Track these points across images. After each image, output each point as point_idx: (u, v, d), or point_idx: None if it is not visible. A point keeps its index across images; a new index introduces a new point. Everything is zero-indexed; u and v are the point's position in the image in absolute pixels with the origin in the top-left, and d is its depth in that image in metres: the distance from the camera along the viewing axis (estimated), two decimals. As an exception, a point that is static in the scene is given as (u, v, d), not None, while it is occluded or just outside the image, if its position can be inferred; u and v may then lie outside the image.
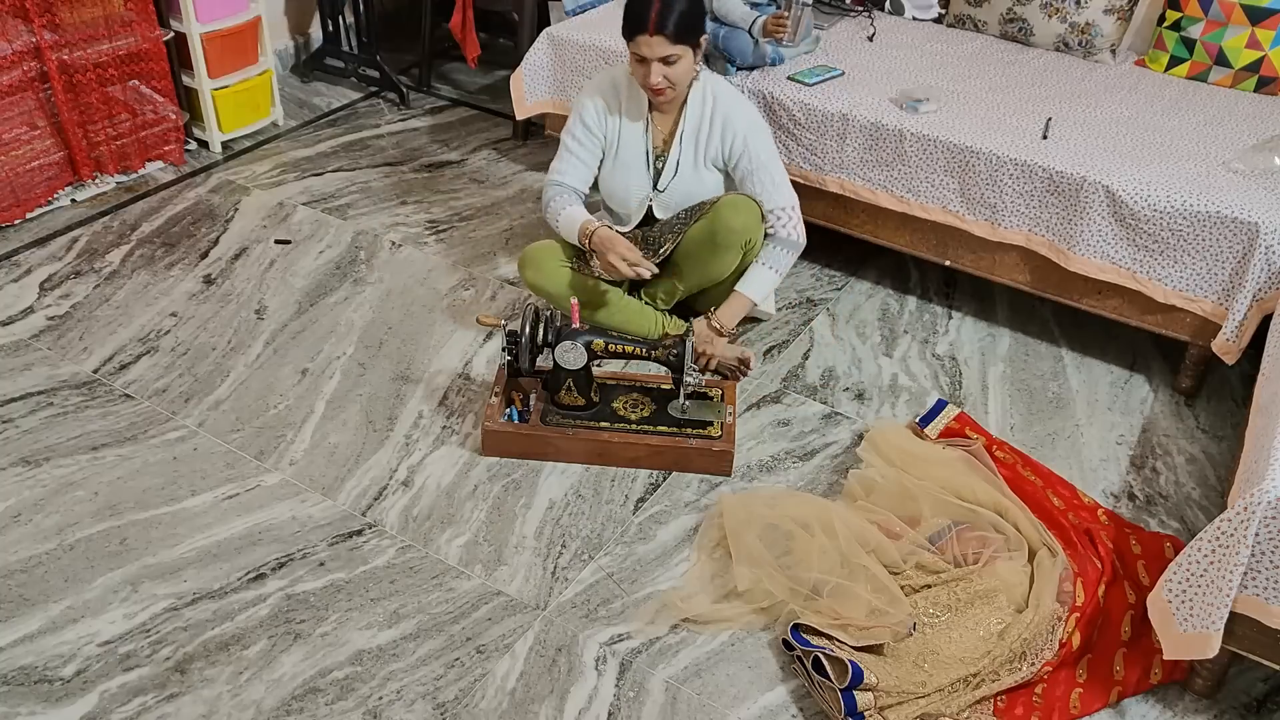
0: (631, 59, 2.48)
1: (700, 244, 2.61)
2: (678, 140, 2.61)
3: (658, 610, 2.08)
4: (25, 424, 2.45)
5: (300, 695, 1.90)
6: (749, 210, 2.58)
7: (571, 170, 2.67)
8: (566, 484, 2.38)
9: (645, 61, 2.44)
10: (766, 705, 1.93)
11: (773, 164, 2.63)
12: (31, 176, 3.20)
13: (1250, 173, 2.59)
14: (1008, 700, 1.92)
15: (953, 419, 2.54)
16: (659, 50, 2.41)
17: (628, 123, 2.63)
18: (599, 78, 2.69)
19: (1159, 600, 1.86)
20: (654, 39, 2.39)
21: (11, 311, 2.83)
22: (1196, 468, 2.52)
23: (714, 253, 2.60)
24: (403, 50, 4.35)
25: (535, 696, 1.92)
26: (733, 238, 2.57)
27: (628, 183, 2.67)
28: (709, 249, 2.60)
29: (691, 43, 2.46)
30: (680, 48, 2.43)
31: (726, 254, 2.60)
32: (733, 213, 2.56)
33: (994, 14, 3.32)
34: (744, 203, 2.59)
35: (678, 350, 2.37)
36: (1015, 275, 2.82)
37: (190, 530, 2.20)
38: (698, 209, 2.64)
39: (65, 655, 1.94)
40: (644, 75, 2.47)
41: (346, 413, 2.54)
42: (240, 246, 3.16)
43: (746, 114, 2.62)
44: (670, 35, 2.39)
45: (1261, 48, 3.02)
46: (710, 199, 2.64)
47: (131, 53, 3.31)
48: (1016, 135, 2.74)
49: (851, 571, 2.06)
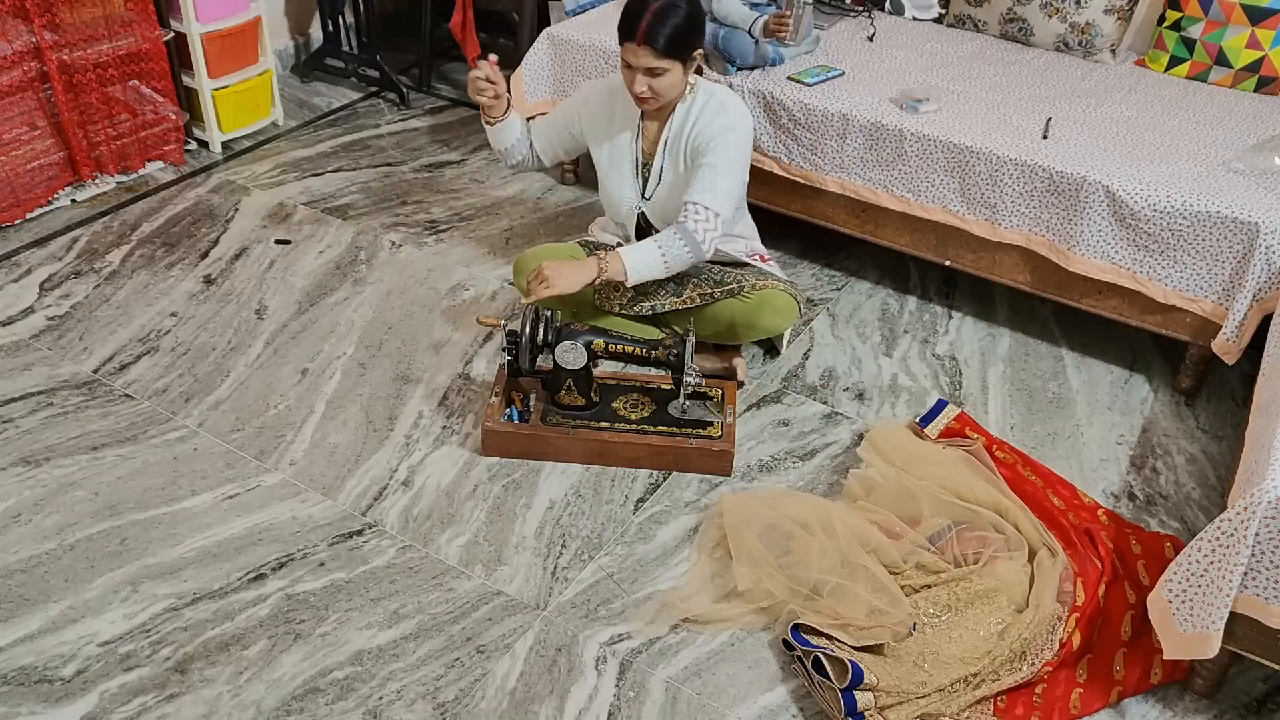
0: (621, 62, 2.46)
1: (737, 324, 2.58)
2: (662, 147, 2.56)
3: (658, 610, 2.08)
4: (25, 424, 2.45)
5: (300, 695, 1.90)
6: (788, 312, 2.58)
7: (541, 129, 2.72)
8: (566, 484, 2.38)
9: (631, 68, 2.40)
10: (766, 705, 1.93)
11: (726, 172, 2.44)
12: (31, 176, 3.20)
13: (1250, 173, 2.59)
14: (1008, 700, 1.92)
15: (953, 419, 2.54)
16: (644, 61, 2.36)
17: (620, 128, 2.61)
18: (601, 81, 2.68)
19: (1159, 600, 1.86)
20: (641, 49, 2.34)
21: (11, 311, 2.83)
22: (1196, 468, 2.52)
23: (742, 335, 2.63)
24: (403, 50, 4.34)
25: (535, 696, 1.92)
26: (766, 334, 2.64)
27: (620, 190, 2.64)
28: (741, 332, 2.61)
29: (681, 58, 2.38)
30: (667, 62, 2.36)
31: (751, 338, 2.66)
32: (772, 314, 2.57)
33: (994, 14, 3.32)
34: (784, 303, 2.57)
35: (678, 350, 2.37)
36: (1015, 275, 2.82)
37: (190, 530, 2.21)
38: (732, 281, 2.58)
39: (65, 655, 1.94)
40: (629, 81, 2.43)
41: (346, 413, 2.54)
42: (240, 246, 3.16)
43: (729, 118, 2.47)
44: (658, 49, 2.33)
45: (1261, 48, 3.02)
46: (749, 278, 2.58)
47: (131, 53, 3.31)
48: (1016, 135, 2.74)
49: (851, 571, 2.06)
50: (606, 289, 2.65)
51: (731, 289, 2.57)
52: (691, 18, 2.37)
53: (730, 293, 2.57)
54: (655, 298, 2.63)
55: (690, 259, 2.43)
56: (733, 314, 2.57)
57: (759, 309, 2.56)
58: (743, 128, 2.49)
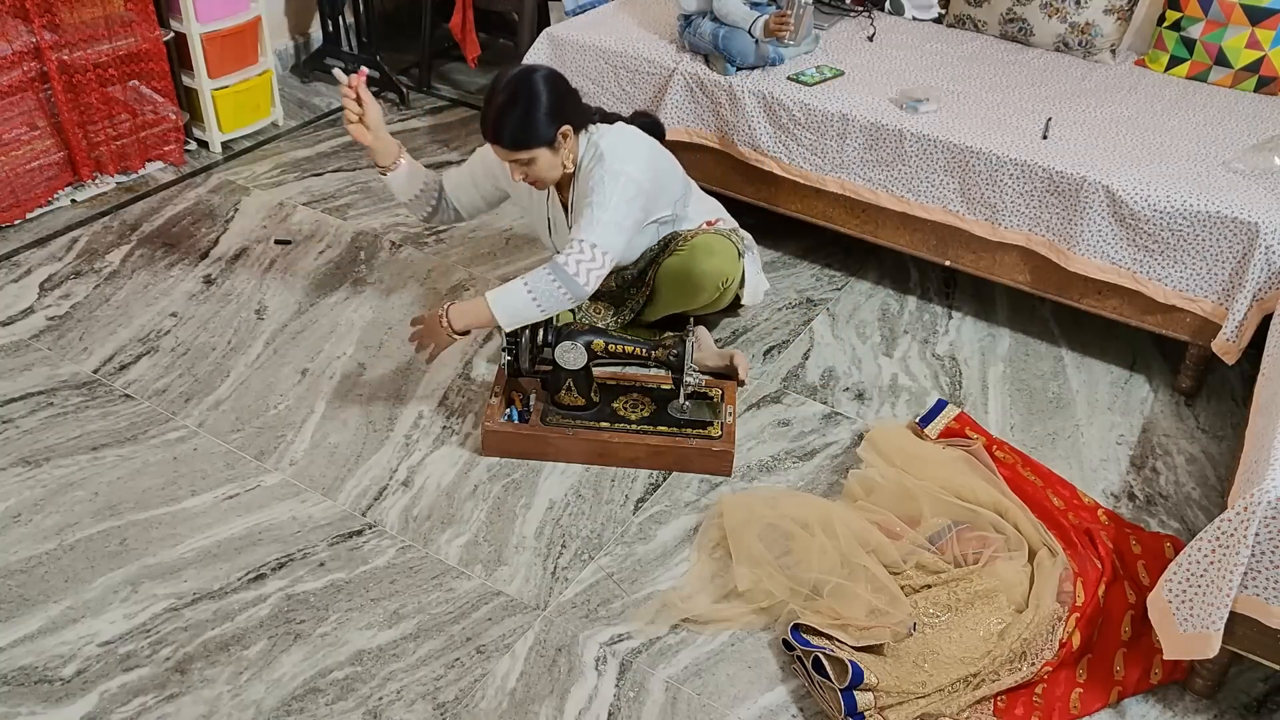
0: None
1: (676, 279, 2.55)
2: (571, 208, 2.48)
3: (658, 610, 2.08)
4: (25, 424, 2.45)
5: (300, 695, 1.90)
6: (724, 254, 2.50)
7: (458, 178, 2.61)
8: (566, 484, 2.38)
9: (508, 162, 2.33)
10: (766, 705, 1.93)
11: (604, 207, 2.30)
12: (31, 176, 3.20)
13: (1250, 173, 2.59)
14: (1008, 700, 1.92)
15: (953, 419, 2.54)
16: (505, 156, 2.30)
17: (535, 191, 2.52)
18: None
19: (1159, 600, 1.86)
20: (495, 147, 2.30)
21: (11, 311, 2.83)
22: (1196, 468, 2.52)
23: (689, 290, 2.56)
24: (403, 50, 4.35)
25: (535, 696, 1.92)
26: (706, 280, 2.51)
27: (543, 242, 2.65)
28: (683, 285, 2.55)
29: (538, 146, 2.26)
30: (525, 154, 2.26)
31: (700, 293, 2.55)
32: (706, 256, 2.49)
33: (994, 14, 3.32)
34: (719, 244, 2.51)
35: (677, 351, 2.37)
36: (1015, 275, 2.82)
37: (190, 530, 2.21)
38: (671, 241, 2.56)
39: (65, 655, 1.94)
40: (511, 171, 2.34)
41: (346, 413, 2.54)
42: (240, 246, 3.16)
43: (605, 165, 2.34)
44: (507, 146, 2.27)
45: (1261, 48, 3.02)
46: (685, 233, 2.56)
47: (131, 53, 3.31)
48: (1016, 135, 2.74)
49: (851, 571, 2.06)
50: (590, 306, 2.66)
51: (669, 248, 2.55)
52: (530, 108, 2.23)
53: (670, 253, 2.55)
54: (629, 298, 2.65)
55: (566, 297, 2.25)
56: (674, 272, 2.53)
57: (693, 254, 2.50)
58: (619, 164, 2.33)
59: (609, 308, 2.72)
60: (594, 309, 2.71)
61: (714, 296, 2.55)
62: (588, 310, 2.70)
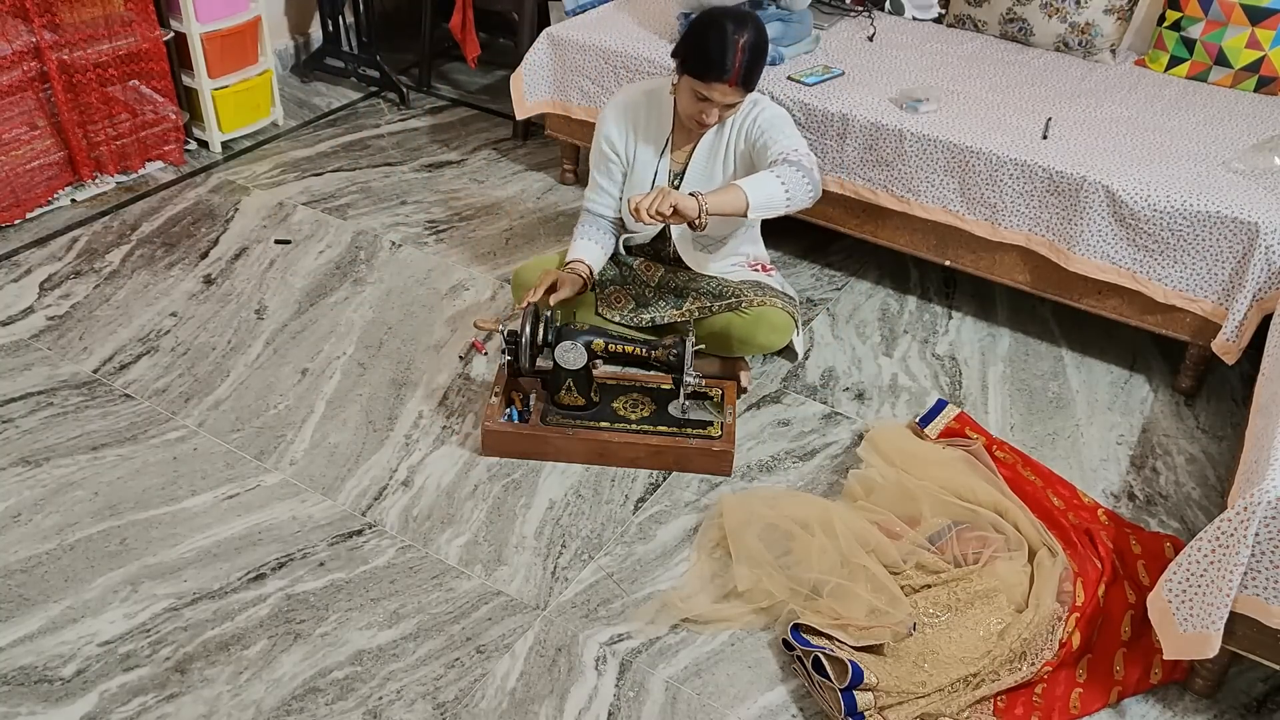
0: (689, 92, 2.38)
1: (732, 341, 2.56)
2: (695, 158, 2.54)
3: (658, 610, 2.08)
4: (25, 424, 2.45)
5: (300, 695, 1.90)
6: (783, 331, 2.55)
7: (597, 198, 2.63)
8: (566, 484, 2.38)
9: (707, 101, 2.37)
10: (766, 705, 1.93)
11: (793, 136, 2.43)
12: (31, 176, 3.20)
13: (1250, 173, 2.59)
14: (1008, 700, 1.92)
15: (953, 419, 2.54)
16: (730, 98, 2.36)
17: (644, 144, 2.56)
18: (619, 99, 2.59)
19: (1159, 600, 1.86)
20: (731, 89, 2.34)
21: (11, 311, 2.83)
22: (1196, 468, 2.52)
23: (736, 350, 2.59)
24: (403, 50, 4.35)
25: (535, 696, 1.92)
26: (757, 349, 2.59)
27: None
28: (734, 347, 2.58)
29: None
30: (745, 95, 2.39)
31: (745, 353, 2.62)
32: (769, 331, 2.53)
33: (994, 14, 3.32)
34: (782, 321, 2.54)
35: (677, 350, 2.36)
36: (1015, 275, 2.82)
37: (190, 530, 2.21)
38: (735, 297, 2.56)
39: (65, 655, 1.94)
40: (699, 111, 2.39)
41: (346, 413, 2.54)
42: (240, 246, 3.16)
43: (771, 108, 2.51)
44: (746, 86, 2.36)
45: (1261, 48, 3.02)
46: (751, 296, 2.55)
47: (131, 53, 3.31)
48: (1016, 135, 2.74)
49: (851, 571, 2.06)
50: (609, 299, 2.65)
51: (730, 303, 2.56)
52: (766, 51, 2.39)
53: (728, 307, 2.55)
54: (655, 309, 2.62)
55: (809, 193, 2.32)
56: (730, 328, 2.55)
57: (756, 325, 2.54)
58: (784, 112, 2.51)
59: (629, 302, 2.66)
60: (613, 296, 2.66)
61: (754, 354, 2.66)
62: (609, 293, 2.65)
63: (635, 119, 2.57)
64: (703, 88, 2.35)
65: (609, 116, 2.58)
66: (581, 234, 2.62)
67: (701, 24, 2.36)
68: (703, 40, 2.33)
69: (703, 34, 2.34)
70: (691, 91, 2.38)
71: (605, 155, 2.59)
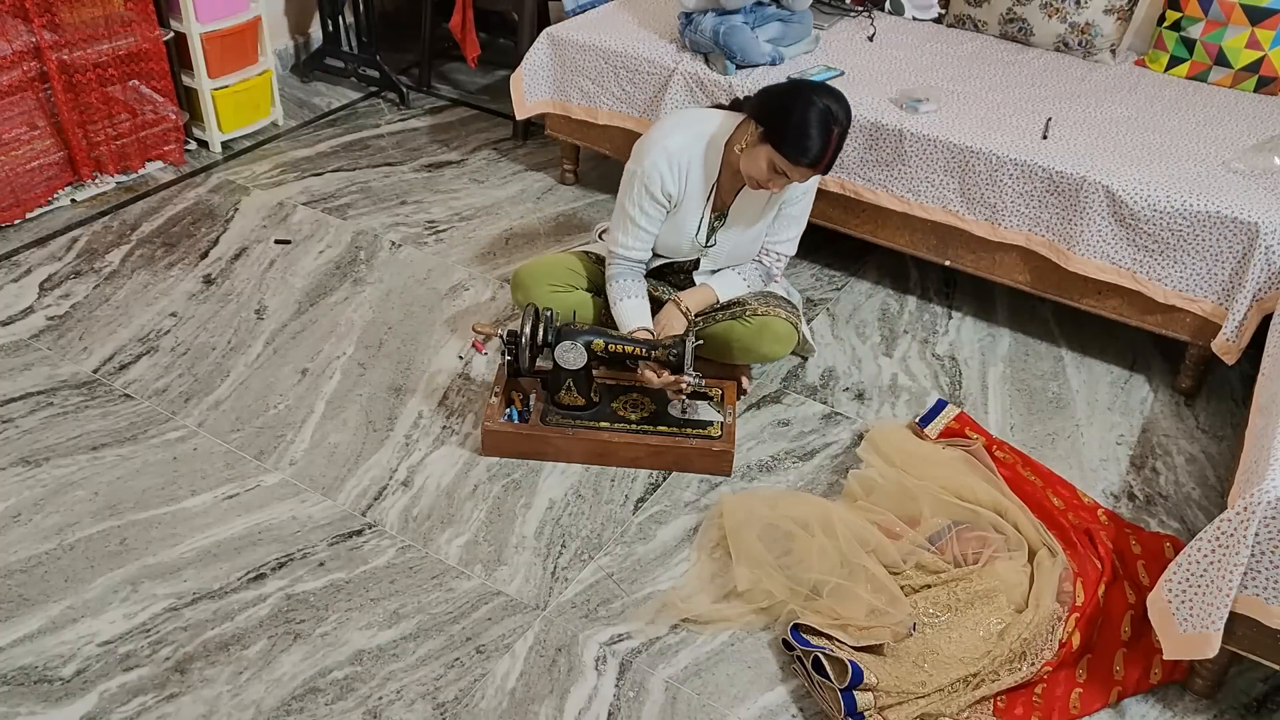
0: (765, 160, 2.28)
1: (732, 349, 2.56)
2: (736, 207, 2.50)
3: (658, 610, 2.08)
4: (25, 424, 2.45)
5: (300, 695, 1.90)
6: (786, 341, 2.55)
7: (638, 245, 2.50)
8: (566, 484, 2.38)
9: (783, 176, 2.31)
10: (766, 705, 1.93)
11: (802, 223, 2.59)
12: (31, 176, 3.20)
13: (1250, 173, 2.59)
14: (1008, 700, 1.92)
15: (953, 419, 2.54)
16: (809, 179, 2.36)
17: (691, 189, 2.46)
18: (672, 144, 2.41)
19: (1159, 600, 1.86)
20: (812, 172, 2.30)
21: (11, 311, 2.83)
22: (1196, 468, 2.52)
23: (738, 358, 2.59)
24: (403, 50, 4.35)
25: (535, 696, 1.92)
26: (759, 359, 2.60)
27: (679, 240, 2.54)
28: (735, 355, 2.57)
29: None
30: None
31: (744, 359, 2.60)
32: (772, 341, 2.54)
33: (994, 14, 3.32)
34: (785, 332, 2.54)
35: (677, 350, 2.36)
36: (1015, 275, 2.82)
37: (190, 530, 2.20)
38: (735, 307, 2.56)
39: (65, 655, 1.94)
40: (769, 181, 2.32)
41: (346, 413, 2.54)
42: (240, 246, 3.16)
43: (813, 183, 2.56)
44: (826, 171, 2.34)
45: (1261, 48, 3.02)
46: (753, 300, 2.56)
47: (131, 53, 3.30)
48: (1016, 135, 2.74)
49: (851, 571, 2.06)
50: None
51: (734, 311, 2.56)
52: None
53: (732, 315, 2.55)
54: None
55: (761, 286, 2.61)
56: (732, 336, 2.54)
57: (759, 335, 2.53)
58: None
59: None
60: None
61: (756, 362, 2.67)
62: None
63: (689, 166, 2.43)
64: (788, 168, 2.27)
65: (661, 163, 2.41)
66: (623, 292, 2.49)
67: (801, 103, 2.24)
68: (802, 124, 2.22)
69: (803, 116, 2.23)
70: (769, 161, 2.28)
71: (656, 200, 2.44)
